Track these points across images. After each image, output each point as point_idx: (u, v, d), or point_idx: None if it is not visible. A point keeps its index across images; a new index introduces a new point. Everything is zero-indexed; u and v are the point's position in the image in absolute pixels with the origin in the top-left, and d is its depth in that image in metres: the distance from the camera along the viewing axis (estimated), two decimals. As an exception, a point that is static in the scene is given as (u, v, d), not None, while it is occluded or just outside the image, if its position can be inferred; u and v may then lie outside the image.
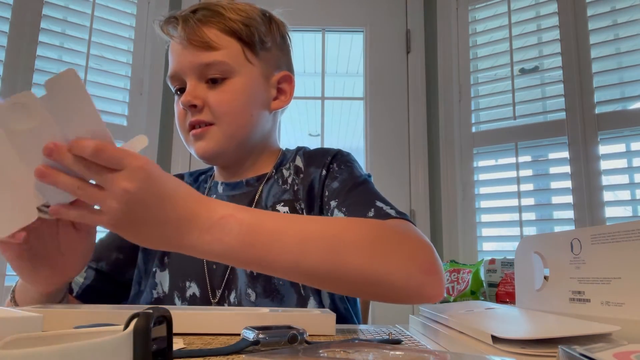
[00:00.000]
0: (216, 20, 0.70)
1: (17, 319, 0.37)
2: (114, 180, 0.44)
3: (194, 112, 0.70)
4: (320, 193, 0.72)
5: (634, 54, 1.59)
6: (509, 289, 1.28)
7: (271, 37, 0.75)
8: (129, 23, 1.88)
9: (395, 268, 0.52)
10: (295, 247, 0.50)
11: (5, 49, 1.61)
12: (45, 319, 0.41)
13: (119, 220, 0.45)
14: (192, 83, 0.69)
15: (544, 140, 1.74)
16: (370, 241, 0.53)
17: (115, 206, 0.44)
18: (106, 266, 0.75)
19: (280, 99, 0.77)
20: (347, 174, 0.72)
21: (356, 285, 0.52)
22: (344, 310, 0.73)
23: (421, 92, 1.94)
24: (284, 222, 0.52)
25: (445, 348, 0.43)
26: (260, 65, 0.73)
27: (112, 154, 0.44)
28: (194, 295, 0.71)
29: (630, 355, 0.26)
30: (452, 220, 1.83)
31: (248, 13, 0.72)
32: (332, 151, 0.76)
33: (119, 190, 0.44)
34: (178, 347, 0.41)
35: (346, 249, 0.51)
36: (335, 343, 0.37)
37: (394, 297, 0.54)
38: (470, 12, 1.91)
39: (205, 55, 0.68)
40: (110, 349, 0.23)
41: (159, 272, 0.74)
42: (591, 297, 0.45)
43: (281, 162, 0.78)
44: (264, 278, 0.68)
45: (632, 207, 1.66)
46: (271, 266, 0.50)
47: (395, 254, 0.53)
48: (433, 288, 0.54)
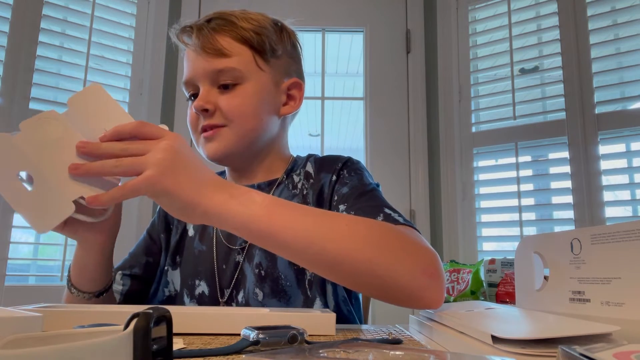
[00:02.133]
0: (229, 29, 0.72)
1: (17, 319, 0.37)
2: (156, 142, 0.49)
3: (206, 117, 0.72)
4: (330, 198, 0.74)
5: (634, 54, 1.59)
6: (509, 289, 1.28)
7: (282, 45, 0.77)
8: (129, 23, 1.88)
9: (400, 266, 0.53)
10: (309, 231, 0.52)
11: (5, 49, 1.61)
12: (45, 319, 0.41)
13: (164, 170, 0.48)
14: (205, 88, 0.72)
15: (544, 140, 1.74)
16: (379, 238, 0.55)
17: (160, 156, 0.48)
18: (139, 271, 0.80)
19: (290, 105, 0.79)
20: (356, 180, 0.74)
21: (360, 277, 0.53)
22: (347, 313, 0.74)
23: (421, 92, 1.94)
24: (302, 208, 0.55)
25: (445, 348, 0.43)
26: (270, 72, 0.75)
27: (152, 127, 0.50)
28: (203, 293, 0.74)
29: (630, 355, 0.26)
30: (452, 220, 1.83)
31: (260, 22, 0.75)
32: (343, 158, 0.79)
33: (163, 145, 0.49)
34: (178, 347, 0.41)
35: (356, 240, 0.53)
36: (336, 343, 0.37)
37: (395, 296, 0.55)
38: (470, 12, 1.91)
39: (218, 61, 0.71)
40: (110, 349, 0.23)
41: (171, 271, 0.79)
42: (591, 297, 0.45)
43: (292, 168, 0.81)
44: (272, 278, 0.70)
45: (632, 207, 1.66)
46: (284, 244, 0.53)
47: (401, 253, 0.55)
48: (434, 292, 0.55)
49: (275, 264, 0.71)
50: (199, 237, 0.79)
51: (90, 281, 0.66)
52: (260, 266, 0.72)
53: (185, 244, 0.80)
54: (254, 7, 1.81)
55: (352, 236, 0.53)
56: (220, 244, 0.76)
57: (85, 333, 0.26)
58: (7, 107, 1.60)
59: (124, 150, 0.49)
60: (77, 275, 0.66)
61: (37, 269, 1.74)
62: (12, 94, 1.61)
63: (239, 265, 0.73)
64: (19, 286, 1.59)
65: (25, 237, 1.71)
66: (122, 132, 0.50)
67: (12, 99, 1.61)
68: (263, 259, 0.72)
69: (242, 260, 0.74)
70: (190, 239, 0.80)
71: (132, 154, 0.49)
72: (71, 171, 0.48)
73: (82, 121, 0.48)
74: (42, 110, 1.64)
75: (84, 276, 0.66)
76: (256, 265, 0.72)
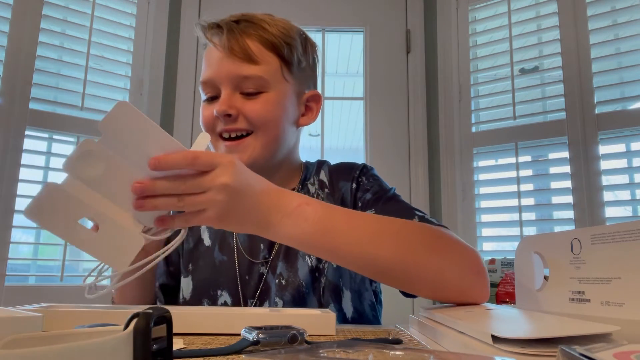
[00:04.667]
0: (259, 33, 0.72)
1: (17, 319, 0.37)
2: (215, 179, 0.49)
3: (228, 121, 0.71)
4: (353, 205, 0.76)
5: (634, 54, 1.59)
6: (509, 289, 1.28)
7: (306, 57, 0.78)
8: (129, 23, 1.88)
9: (449, 267, 0.55)
10: (363, 238, 0.54)
11: (5, 49, 1.61)
12: (46, 319, 0.41)
13: (224, 210, 0.50)
14: (227, 92, 0.71)
15: (544, 140, 1.74)
16: (427, 240, 0.56)
17: (220, 198, 0.49)
18: (165, 279, 0.82)
19: (308, 116, 0.80)
20: (377, 186, 0.76)
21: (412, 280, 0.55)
22: (372, 318, 0.77)
23: (421, 92, 1.94)
24: (351, 215, 0.57)
25: (445, 348, 0.43)
26: (294, 83, 0.75)
27: (205, 158, 0.49)
28: (225, 303, 0.75)
29: (630, 355, 0.26)
30: (452, 220, 1.83)
31: (288, 31, 0.75)
32: (358, 165, 0.81)
33: (220, 186, 0.49)
34: (178, 347, 0.41)
35: (408, 245, 0.55)
36: (335, 343, 0.37)
37: (445, 295, 0.57)
38: (470, 12, 1.91)
39: (246, 67, 0.70)
40: (110, 349, 0.23)
41: (183, 278, 0.79)
42: (591, 297, 0.45)
43: (305, 177, 0.82)
44: (293, 287, 0.72)
45: (632, 207, 1.66)
46: (339, 254, 0.54)
47: (449, 254, 0.57)
48: (482, 289, 0.57)
49: (297, 272, 0.73)
50: (219, 248, 0.79)
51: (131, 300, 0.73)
52: (281, 276, 0.73)
53: (200, 253, 0.80)
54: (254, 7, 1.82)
55: (402, 242, 0.55)
56: (242, 255, 0.77)
57: (85, 333, 0.26)
58: (7, 107, 1.60)
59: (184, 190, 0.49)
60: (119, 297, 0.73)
61: (37, 269, 1.74)
62: (12, 94, 1.61)
63: (263, 277, 0.74)
64: (19, 286, 1.59)
65: (26, 237, 1.71)
66: (174, 165, 0.48)
67: (12, 99, 1.61)
68: (284, 270, 0.73)
69: (267, 272, 0.74)
70: (208, 248, 0.80)
71: (192, 192, 0.49)
72: (137, 208, 0.49)
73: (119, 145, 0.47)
74: (42, 110, 1.65)
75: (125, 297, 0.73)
76: (278, 275, 0.73)
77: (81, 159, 0.47)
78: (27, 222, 1.61)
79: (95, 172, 0.47)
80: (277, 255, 0.75)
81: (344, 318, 0.73)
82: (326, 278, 0.73)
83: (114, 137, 0.47)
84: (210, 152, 0.50)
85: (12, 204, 1.56)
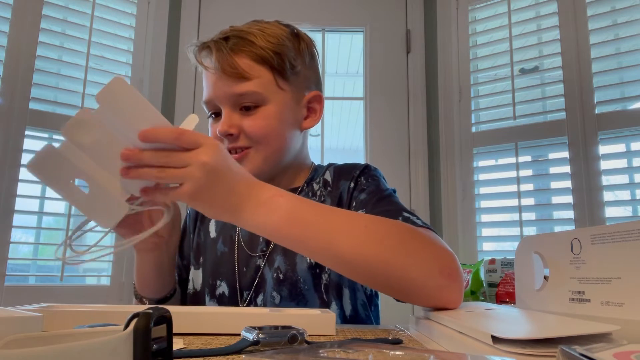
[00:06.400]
0: (248, 49, 0.72)
1: (17, 319, 0.37)
2: (195, 156, 0.51)
3: (231, 140, 0.73)
4: (348, 204, 0.76)
5: (634, 54, 1.59)
6: (509, 289, 1.28)
7: (301, 58, 0.77)
8: (129, 23, 1.88)
9: (416, 266, 0.54)
10: (329, 232, 0.54)
11: (5, 49, 1.61)
12: (45, 319, 0.41)
13: (199, 187, 0.51)
14: (227, 112, 0.73)
15: (544, 140, 1.74)
16: (396, 239, 0.56)
17: (198, 175, 0.50)
18: (178, 271, 0.84)
19: (311, 118, 0.80)
20: (374, 186, 0.76)
21: (378, 277, 0.55)
22: (365, 317, 0.76)
23: (421, 92, 1.94)
24: (323, 209, 0.57)
25: (445, 348, 0.43)
26: (291, 90, 0.76)
27: (190, 136, 0.51)
28: (223, 294, 0.77)
29: (630, 355, 0.26)
30: (452, 220, 1.83)
31: (278, 39, 0.74)
32: (360, 165, 0.81)
33: (200, 163, 0.50)
34: (178, 347, 0.41)
35: (374, 241, 0.54)
36: (336, 343, 0.37)
37: (414, 296, 0.56)
38: (470, 12, 1.91)
39: (239, 85, 0.71)
40: (110, 349, 0.23)
41: (193, 270, 0.82)
42: (591, 297, 0.45)
43: (312, 177, 0.82)
44: (290, 282, 0.72)
45: (632, 207, 1.66)
46: (306, 246, 0.55)
47: (419, 253, 0.56)
48: (452, 292, 0.56)
49: (295, 267, 0.73)
50: (222, 240, 0.82)
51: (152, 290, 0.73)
52: (279, 270, 0.73)
53: (207, 245, 0.83)
54: (254, 7, 1.82)
55: (369, 237, 0.54)
56: (241, 247, 0.79)
57: (85, 333, 0.26)
58: (7, 107, 1.60)
59: (166, 162, 0.51)
60: (139, 284, 0.74)
61: (37, 269, 1.74)
62: (12, 94, 1.61)
63: (259, 270, 0.76)
64: (19, 286, 1.59)
65: (26, 237, 1.71)
66: (160, 138, 0.50)
67: (12, 99, 1.61)
68: (282, 264, 0.74)
69: (263, 265, 0.76)
70: (213, 240, 0.83)
71: (173, 165, 0.51)
72: (123, 175, 0.51)
73: (113, 116, 0.50)
74: (42, 110, 1.65)
75: (145, 285, 0.73)
76: (275, 269, 0.74)
77: (77, 126, 0.50)
78: (27, 222, 1.62)
79: (89, 139, 0.51)
80: (275, 249, 0.76)
81: (343, 316, 0.73)
82: (328, 275, 0.73)
83: (108, 109, 0.50)
84: (196, 132, 0.52)
85: (12, 204, 1.56)
